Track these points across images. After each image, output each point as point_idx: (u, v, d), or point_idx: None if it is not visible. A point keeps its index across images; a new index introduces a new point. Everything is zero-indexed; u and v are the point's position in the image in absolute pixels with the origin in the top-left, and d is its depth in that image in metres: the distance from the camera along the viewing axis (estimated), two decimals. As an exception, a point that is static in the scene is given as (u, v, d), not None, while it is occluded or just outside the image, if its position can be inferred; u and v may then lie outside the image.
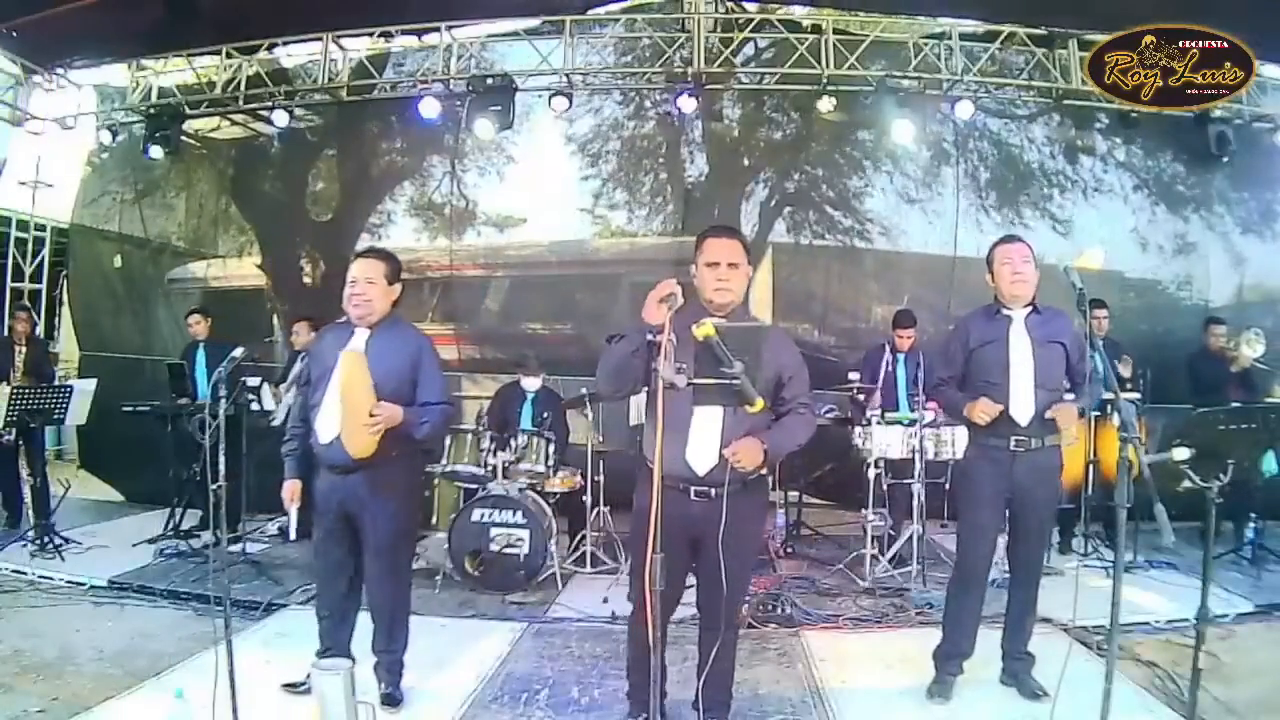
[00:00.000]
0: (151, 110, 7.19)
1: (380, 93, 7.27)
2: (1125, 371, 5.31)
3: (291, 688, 3.23)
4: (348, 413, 2.97)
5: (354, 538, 3.15)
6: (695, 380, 2.40)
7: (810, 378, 2.82)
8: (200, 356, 6.15)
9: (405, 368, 3.09)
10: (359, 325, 3.11)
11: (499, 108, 6.59)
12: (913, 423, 5.00)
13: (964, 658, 3.34)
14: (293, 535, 3.31)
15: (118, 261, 8.09)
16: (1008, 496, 3.21)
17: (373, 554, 3.16)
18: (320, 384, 3.08)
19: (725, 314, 2.61)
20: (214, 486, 2.70)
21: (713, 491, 2.56)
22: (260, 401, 5.57)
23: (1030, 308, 3.25)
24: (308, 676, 3.22)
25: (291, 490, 3.18)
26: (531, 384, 5.57)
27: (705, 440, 2.58)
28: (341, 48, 6.97)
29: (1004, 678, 3.37)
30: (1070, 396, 3.23)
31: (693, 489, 2.59)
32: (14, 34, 6.58)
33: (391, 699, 3.20)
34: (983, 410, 3.16)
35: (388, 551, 3.18)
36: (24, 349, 6.08)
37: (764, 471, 2.74)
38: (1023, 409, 3.15)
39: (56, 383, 6.11)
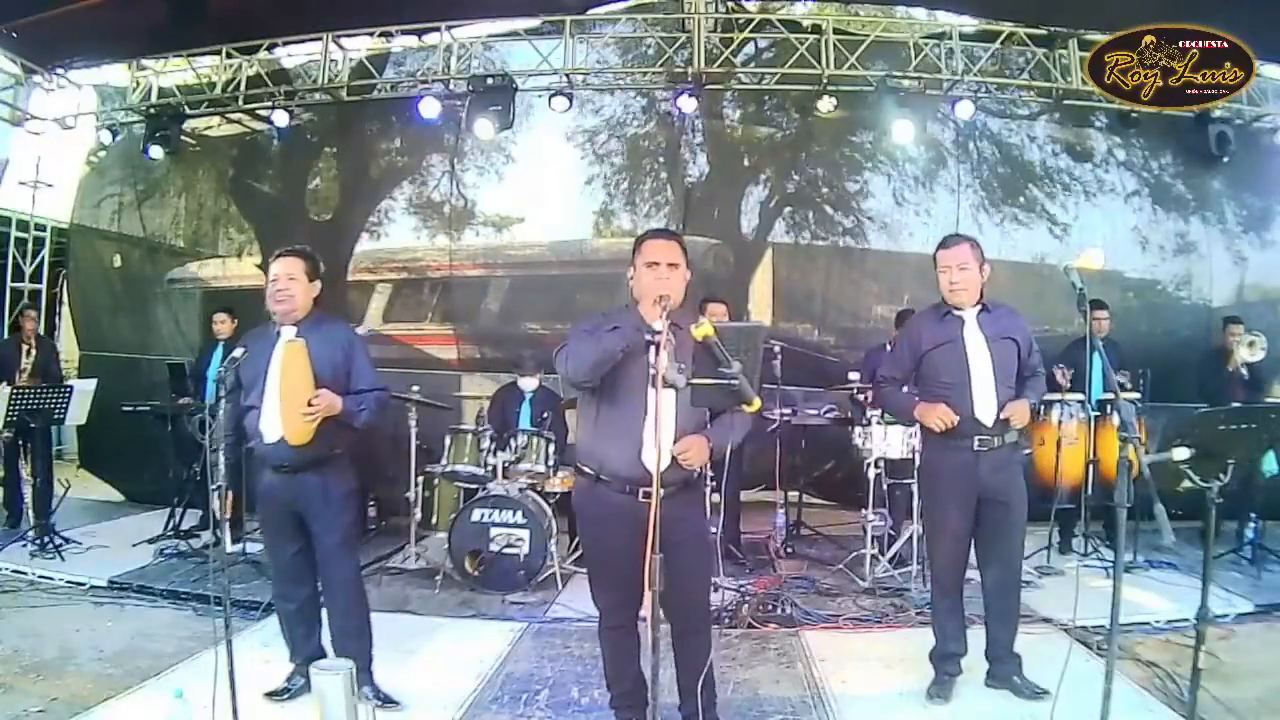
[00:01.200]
0: (151, 110, 7.19)
1: (380, 93, 7.27)
2: (1124, 380, 5.27)
3: (274, 696, 3.22)
4: (286, 398, 2.98)
5: (301, 534, 3.17)
6: (694, 381, 2.39)
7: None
8: (218, 356, 6.07)
9: (339, 360, 3.13)
10: (284, 323, 3.12)
11: (499, 108, 6.59)
12: (913, 423, 4.99)
13: (958, 657, 3.33)
14: (229, 546, 3.29)
15: (117, 261, 8.08)
16: (977, 498, 3.18)
17: (330, 554, 3.16)
18: (255, 386, 3.07)
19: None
20: (214, 486, 2.70)
21: (662, 492, 2.57)
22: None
23: (980, 306, 3.24)
24: (288, 680, 3.25)
25: (227, 502, 3.15)
26: (529, 384, 5.57)
27: (661, 441, 2.58)
28: (341, 48, 6.97)
29: (990, 682, 3.32)
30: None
31: (641, 490, 2.57)
32: (14, 34, 6.58)
33: (379, 695, 3.19)
34: (940, 417, 3.13)
35: (343, 547, 3.19)
36: (32, 349, 6.09)
37: (701, 470, 2.76)
38: (987, 408, 3.14)
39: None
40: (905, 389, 3.43)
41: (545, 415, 5.38)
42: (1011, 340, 3.21)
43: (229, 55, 7.00)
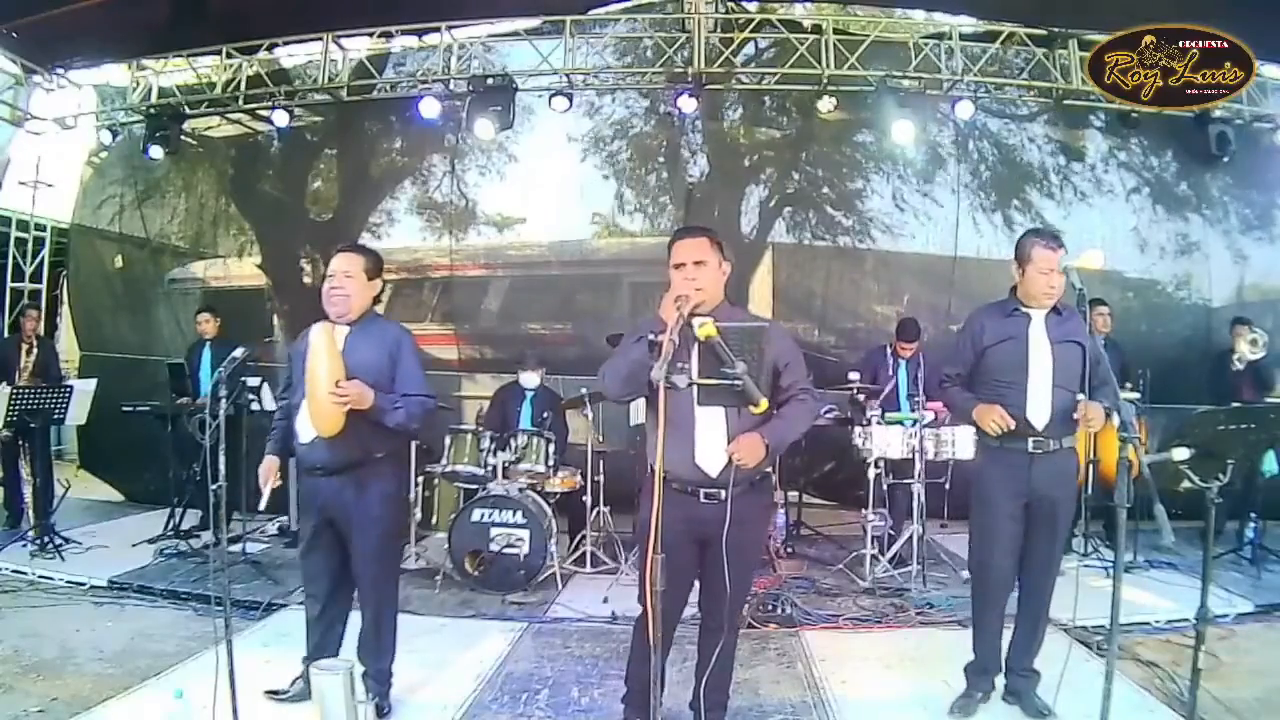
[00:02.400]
0: (151, 110, 7.19)
1: (380, 93, 7.27)
2: (1132, 395, 5.27)
3: (275, 694, 3.20)
4: (312, 385, 2.88)
5: (338, 542, 3.08)
6: (698, 380, 2.40)
7: (810, 378, 2.82)
8: (206, 355, 6.10)
9: (384, 362, 3.01)
10: (338, 322, 3.02)
11: (499, 108, 6.59)
12: (913, 423, 5.00)
13: (994, 675, 3.23)
14: (263, 505, 3.16)
15: (119, 262, 8.09)
16: (1026, 501, 3.06)
17: (360, 560, 3.08)
18: (299, 386, 2.99)
19: (707, 313, 2.55)
20: (214, 486, 2.69)
21: (722, 493, 2.54)
22: (260, 401, 5.56)
23: (1049, 308, 3.11)
24: (292, 683, 3.22)
25: (269, 466, 3.09)
26: (530, 380, 5.55)
27: (714, 441, 2.55)
28: (341, 48, 6.97)
29: (1007, 696, 3.24)
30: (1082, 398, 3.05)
31: (703, 491, 2.56)
32: (14, 34, 6.59)
33: (379, 710, 3.13)
34: (996, 420, 2.96)
35: (375, 558, 3.09)
36: (32, 349, 6.09)
37: (768, 469, 2.73)
38: (1040, 412, 3.00)
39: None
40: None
41: (545, 415, 5.38)
42: (1076, 344, 3.04)
43: (229, 55, 7.00)
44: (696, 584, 2.79)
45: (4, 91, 7.24)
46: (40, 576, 4.85)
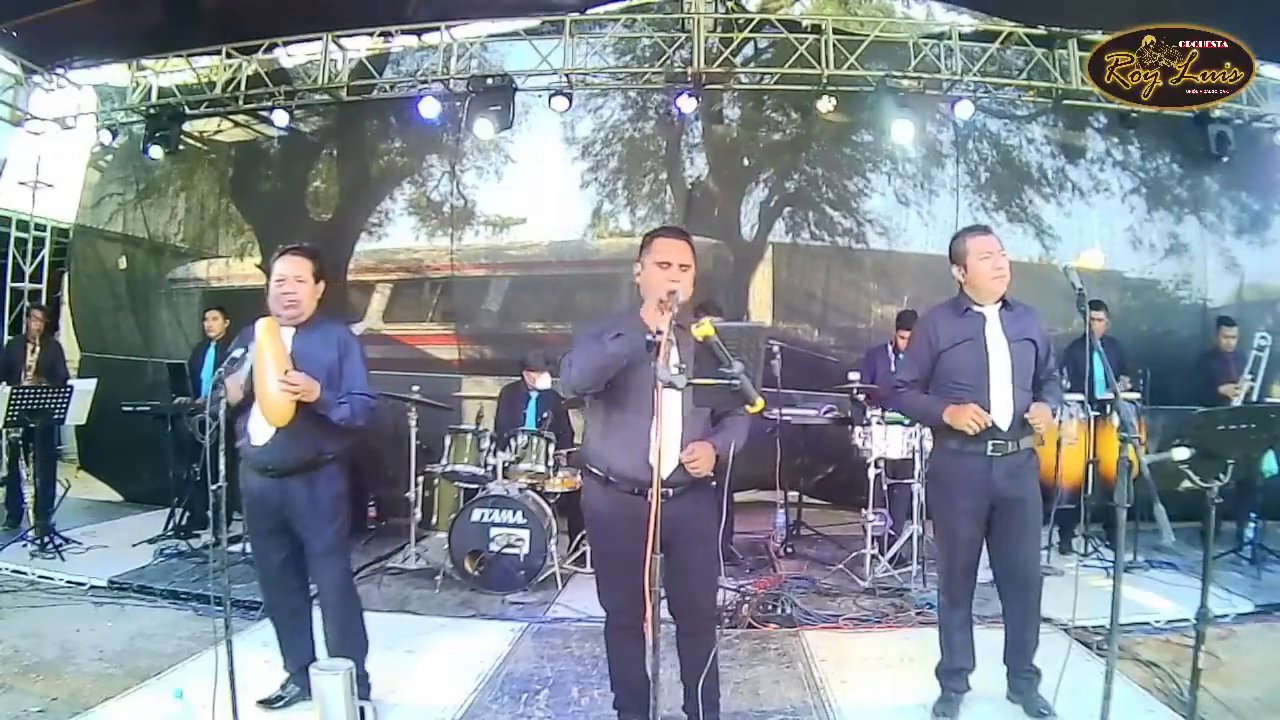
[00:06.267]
0: (151, 110, 7.19)
1: (380, 93, 7.27)
2: (1126, 387, 5.27)
3: (267, 703, 3.16)
4: (260, 378, 2.86)
5: (293, 541, 3.07)
6: (695, 380, 2.39)
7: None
8: (211, 355, 6.02)
9: (332, 362, 3.03)
10: (286, 325, 3.01)
11: (499, 108, 6.60)
12: (913, 423, 5.00)
13: (967, 673, 3.23)
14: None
15: (123, 263, 8.07)
16: (990, 504, 3.02)
17: (318, 560, 3.08)
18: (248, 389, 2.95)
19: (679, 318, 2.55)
20: (214, 486, 2.69)
21: (670, 493, 2.53)
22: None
23: (1001, 303, 3.07)
24: (282, 687, 3.21)
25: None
26: (543, 382, 5.54)
27: (668, 443, 2.55)
28: (341, 48, 6.97)
29: (1010, 695, 3.23)
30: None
31: (649, 490, 2.53)
32: (14, 34, 6.59)
33: (361, 713, 3.08)
34: (973, 419, 2.92)
35: (330, 557, 3.09)
36: (36, 348, 6.09)
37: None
38: (1004, 412, 2.97)
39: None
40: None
41: (545, 415, 5.39)
42: (1030, 341, 3.04)
43: (229, 55, 7.00)
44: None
45: (4, 91, 7.24)
46: (40, 576, 4.85)
